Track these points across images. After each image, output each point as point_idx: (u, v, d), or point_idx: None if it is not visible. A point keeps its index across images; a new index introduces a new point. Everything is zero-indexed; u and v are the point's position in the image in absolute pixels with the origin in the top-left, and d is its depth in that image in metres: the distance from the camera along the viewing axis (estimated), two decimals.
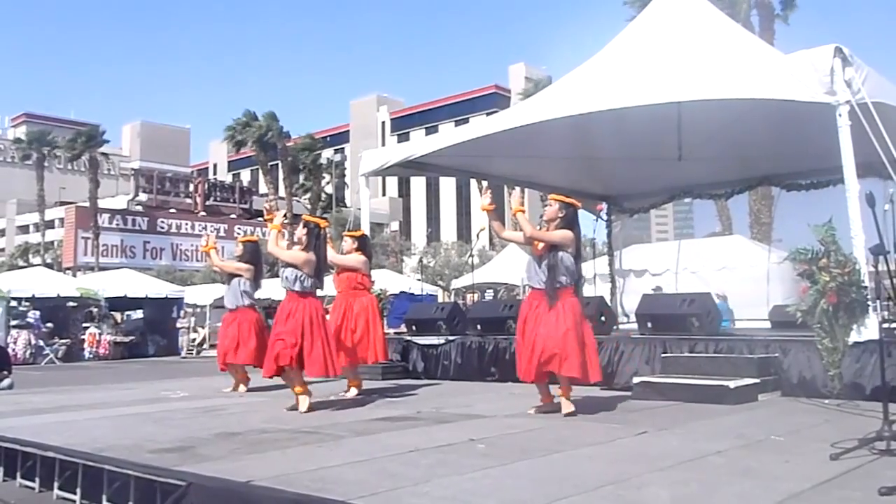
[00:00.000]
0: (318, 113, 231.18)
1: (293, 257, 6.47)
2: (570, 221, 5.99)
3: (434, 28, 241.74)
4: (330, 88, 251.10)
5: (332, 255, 7.42)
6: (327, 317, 6.77)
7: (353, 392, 7.51)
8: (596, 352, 5.98)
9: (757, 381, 6.49)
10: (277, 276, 7.02)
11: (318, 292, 6.59)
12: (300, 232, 6.56)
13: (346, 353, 7.26)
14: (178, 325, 25.23)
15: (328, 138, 59.86)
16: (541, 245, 5.94)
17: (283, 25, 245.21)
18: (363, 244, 7.87)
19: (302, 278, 6.39)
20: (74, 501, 4.44)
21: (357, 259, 7.65)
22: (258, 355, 7.73)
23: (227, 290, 8.43)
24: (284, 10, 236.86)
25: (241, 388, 8.31)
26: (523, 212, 5.99)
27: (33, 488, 4.82)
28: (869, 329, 6.08)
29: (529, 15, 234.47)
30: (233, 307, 8.31)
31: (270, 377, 6.55)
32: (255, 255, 8.56)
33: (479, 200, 7.00)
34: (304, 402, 6.35)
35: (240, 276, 8.32)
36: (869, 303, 6.13)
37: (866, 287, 6.11)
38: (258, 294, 8.60)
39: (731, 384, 6.29)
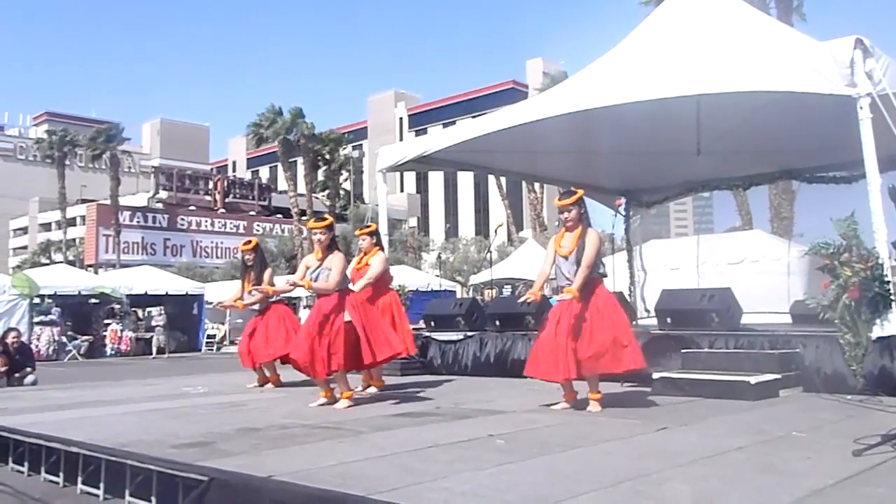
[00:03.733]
0: (336, 109, 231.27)
1: (341, 271, 6.48)
2: (587, 213, 6.02)
3: (451, 23, 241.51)
4: (347, 85, 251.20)
5: (370, 275, 7.20)
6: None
7: (373, 389, 7.53)
8: (634, 336, 5.97)
9: (778, 376, 6.44)
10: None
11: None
12: (324, 235, 6.58)
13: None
14: (154, 322, 24.30)
15: (347, 135, 59.93)
16: (565, 244, 5.93)
17: (300, 22, 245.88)
18: (379, 239, 7.90)
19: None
20: (98, 496, 4.49)
21: (383, 263, 7.62)
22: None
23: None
24: (301, 7, 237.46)
25: (269, 385, 8.34)
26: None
27: (57, 483, 4.88)
28: (892, 324, 6.02)
29: (547, 10, 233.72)
30: (263, 305, 8.32)
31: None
32: (263, 256, 8.66)
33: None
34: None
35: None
36: (892, 297, 6.07)
37: (889, 282, 6.05)
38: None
39: (752, 380, 6.24)
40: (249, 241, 8.72)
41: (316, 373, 6.38)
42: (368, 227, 8.05)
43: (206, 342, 26.17)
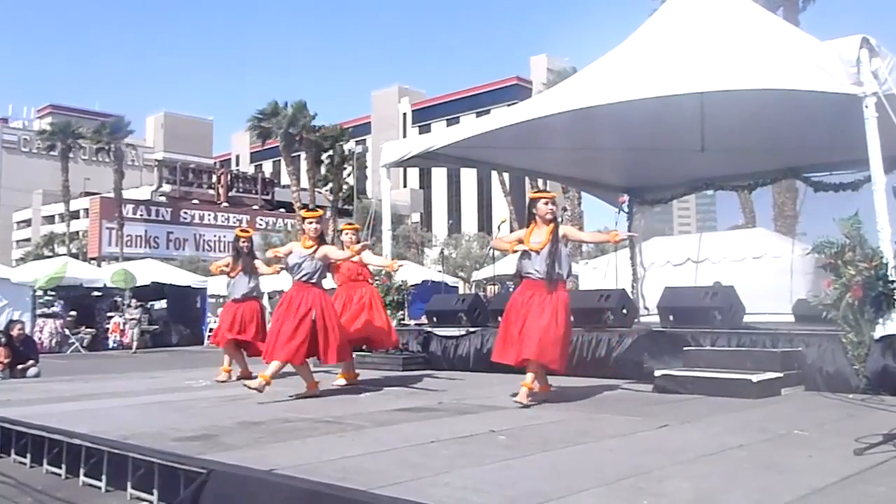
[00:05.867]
0: (340, 104, 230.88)
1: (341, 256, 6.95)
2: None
3: (456, 19, 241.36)
4: (351, 80, 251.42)
5: (369, 258, 7.60)
6: None
7: (342, 382, 7.58)
8: (569, 344, 6.49)
9: (780, 375, 6.43)
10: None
11: None
12: (313, 227, 6.72)
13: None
14: (129, 315, 23.09)
15: (350, 129, 60.01)
16: (536, 240, 6.08)
17: (305, 17, 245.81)
18: (359, 238, 8.12)
19: (321, 269, 6.68)
20: (100, 488, 4.50)
21: (338, 253, 7.72)
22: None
23: (239, 280, 8.51)
24: (306, 2, 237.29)
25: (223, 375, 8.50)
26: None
27: (60, 475, 4.89)
28: (894, 323, 6.01)
29: (551, 6, 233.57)
30: (240, 297, 8.48)
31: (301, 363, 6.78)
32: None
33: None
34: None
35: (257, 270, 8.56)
36: (895, 297, 6.06)
37: (893, 281, 6.04)
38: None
39: (754, 378, 6.23)
40: (247, 230, 9.04)
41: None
42: (353, 224, 8.20)
43: (209, 336, 26.15)
